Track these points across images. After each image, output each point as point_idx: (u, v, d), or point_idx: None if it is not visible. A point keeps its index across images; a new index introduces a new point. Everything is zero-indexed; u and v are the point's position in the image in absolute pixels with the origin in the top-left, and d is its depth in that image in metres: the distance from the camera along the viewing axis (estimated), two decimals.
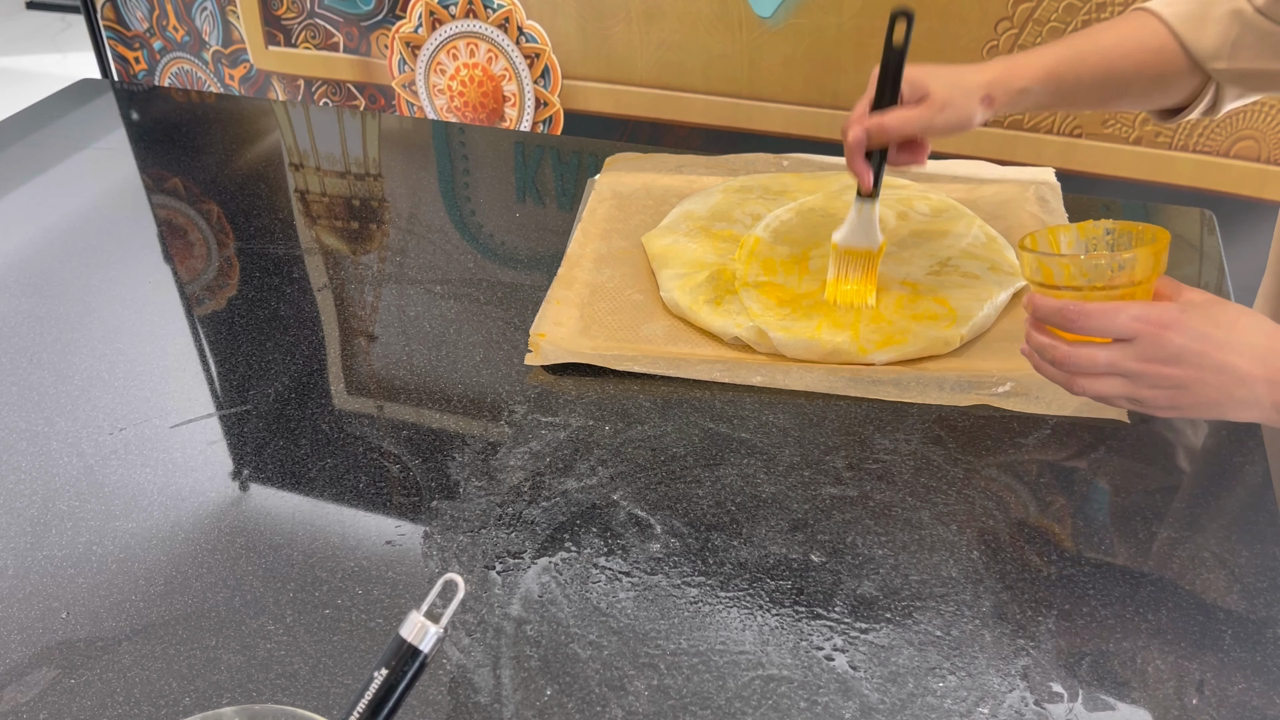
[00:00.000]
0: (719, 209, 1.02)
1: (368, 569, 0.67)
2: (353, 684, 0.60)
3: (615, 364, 0.84)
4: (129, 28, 1.89)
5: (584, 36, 1.60)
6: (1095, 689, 0.59)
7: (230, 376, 0.85)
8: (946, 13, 1.38)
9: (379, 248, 1.04)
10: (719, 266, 0.93)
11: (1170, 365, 0.63)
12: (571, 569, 0.67)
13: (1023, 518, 0.71)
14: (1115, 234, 0.69)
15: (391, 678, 0.44)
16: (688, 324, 0.90)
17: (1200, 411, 0.66)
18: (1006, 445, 0.77)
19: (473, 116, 1.75)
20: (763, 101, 1.55)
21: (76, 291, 0.97)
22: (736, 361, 0.85)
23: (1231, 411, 0.65)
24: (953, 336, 0.85)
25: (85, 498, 0.73)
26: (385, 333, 0.91)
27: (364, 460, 0.76)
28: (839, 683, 0.60)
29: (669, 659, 0.61)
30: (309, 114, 1.34)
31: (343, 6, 1.72)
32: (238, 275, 0.99)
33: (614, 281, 0.96)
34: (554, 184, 1.16)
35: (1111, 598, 0.65)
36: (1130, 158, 1.42)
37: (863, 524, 0.70)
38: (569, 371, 0.84)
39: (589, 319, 0.91)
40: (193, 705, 0.59)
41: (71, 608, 0.65)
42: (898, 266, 0.93)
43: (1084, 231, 0.70)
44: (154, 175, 1.18)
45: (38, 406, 0.82)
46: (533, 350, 0.86)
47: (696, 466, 0.75)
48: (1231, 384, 0.63)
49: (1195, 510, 0.71)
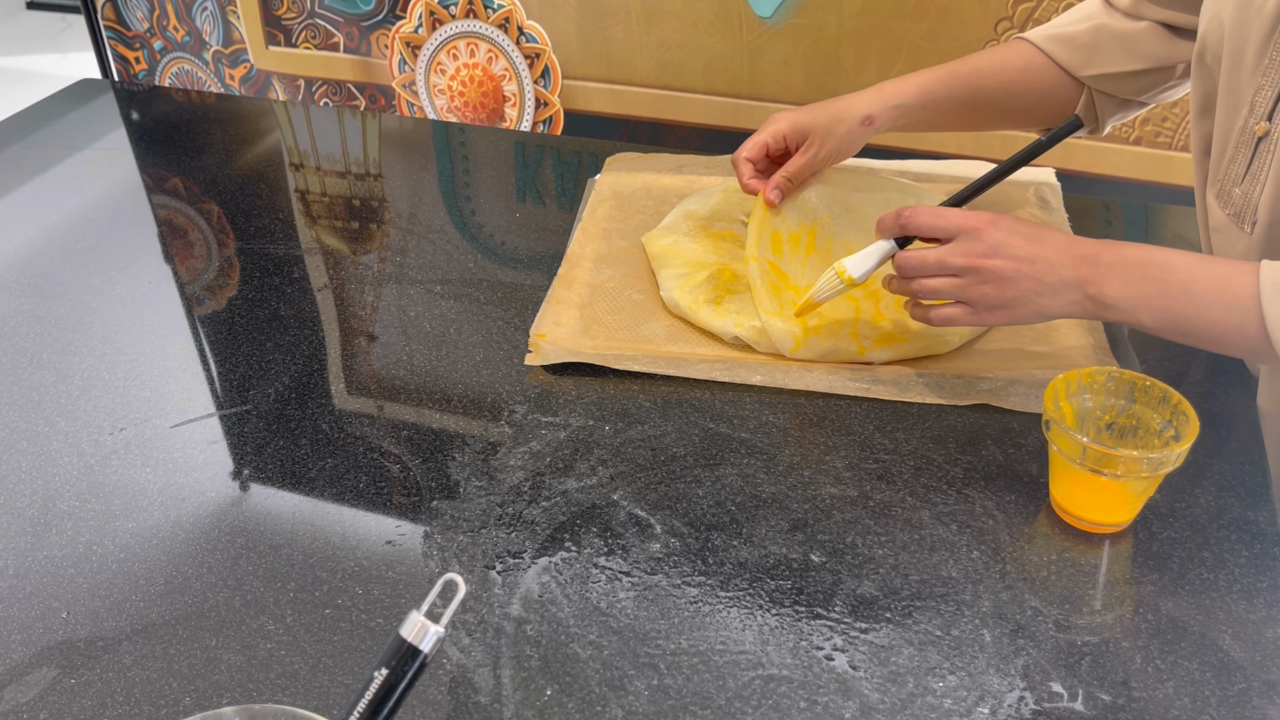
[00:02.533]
0: (719, 209, 1.02)
1: (368, 569, 0.67)
2: (353, 684, 0.60)
3: (615, 363, 0.84)
4: (129, 28, 1.89)
5: (584, 36, 1.60)
6: (1095, 689, 0.59)
7: (230, 376, 0.85)
8: (946, 13, 1.38)
9: (379, 248, 1.04)
10: (719, 266, 0.93)
11: (990, 257, 0.72)
12: (571, 569, 0.67)
13: (1023, 518, 0.71)
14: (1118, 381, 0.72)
15: (391, 678, 0.44)
16: (688, 324, 0.90)
17: (1022, 307, 0.73)
18: (1006, 445, 0.77)
19: (473, 116, 1.75)
20: (763, 101, 1.55)
21: (76, 291, 0.97)
22: (737, 361, 0.85)
23: (1049, 301, 0.72)
24: (952, 337, 0.85)
25: (85, 498, 0.73)
26: (385, 333, 0.91)
27: (364, 460, 0.76)
28: (839, 683, 0.60)
29: (669, 659, 0.61)
30: (309, 114, 1.34)
31: (343, 6, 1.72)
32: (238, 275, 0.99)
33: (614, 281, 0.96)
34: (554, 184, 1.16)
35: (1111, 598, 0.65)
36: (1130, 158, 1.42)
37: (863, 524, 0.70)
38: (569, 371, 0.84)
39: (589, 319, 0.91)
40: (193, 705, 0.59)
41: (71, 608, 0.65)
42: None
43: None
44: (154, 175, 1.18)
45: (38, 406, 0.82)
46: (533, 350, 0.86)
47: (696, 466, 0.75)
48: (1043, 271, 0.72)
49: (1195, 510, 0.71)
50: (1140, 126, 1.38)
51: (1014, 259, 0.72)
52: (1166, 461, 0.65)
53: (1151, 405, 0.70)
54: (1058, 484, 0.71)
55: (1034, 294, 0.73)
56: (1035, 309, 0.74)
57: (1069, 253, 0.72)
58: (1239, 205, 0.79)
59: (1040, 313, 0.74)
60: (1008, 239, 0.73)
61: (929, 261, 0.75)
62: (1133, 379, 0.70)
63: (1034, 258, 0.72)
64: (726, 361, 0.85)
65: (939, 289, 0.76)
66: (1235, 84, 0.78)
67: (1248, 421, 0.79)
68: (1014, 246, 0.73)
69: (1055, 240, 0.73)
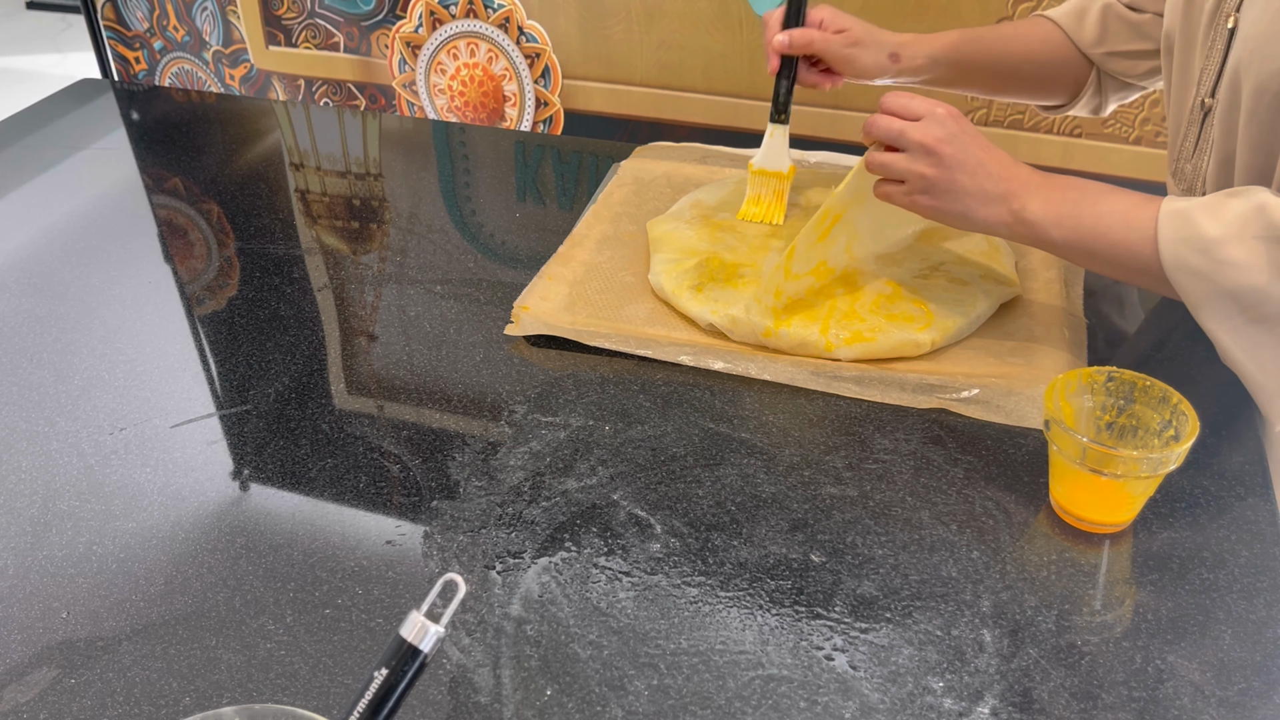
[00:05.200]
0: (727, 200, 1.04)
1: (368, 569, 0.67)
2: (353, 684, 0.60)
3: (588, 339, 0.86)
4: (129, 28, 1.89)
5: (584, 36, 1.60)
6: (1095, 689, 0.59)
7: (230, 376, 0.85)
8: (946, 12, 1.38)
9: (379, 248, 1.04)
10: (709, 254, 0.94)
11: (945, 144, 0.77)
12: (571, 569, 0.67)
13: (1022, 518, 0.71)
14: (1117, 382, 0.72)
15: (391, 678, 0.44)
16: (670, 308, 0.91)
17: (951, 202, 0.78)
18: (1006, 445, 0.77)
19: (473, 116, 1.75)
20: (763, 101, 1.55)
21: (76, 291, 0.97)
22: (705, 347, 0.86)
23: (977, 206, 0.78)
24: (924, 340, 0.84)
25: (85, 498, 0.73)
26: (385, 333, 0.91)
27: (364, 460, 0.76)
28: (839, 682, 0.60)
29: (669, 659, 0.61)
30: (309, 114, 1.34)
31: (343, 6, 1.72)
32: (238, 275, 0.99)
33: (611, 263, 0.98)
34: (554, 184, 1.16)
35: (1111, 598, 0.65)
36: (1130, 157, 1.42)
37: (863, 524, 0.70)
38: (569, 371, 0.84)
39: (576, 296, 0.93)
40: (193, 705, 0.59)
41: (71, 608, 0.65)
42: (886, 266, 0.92)
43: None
44: (154, 175, 1.18)
45: (38, 406, 0.82)
46: (514, 320, 0.89)
47: (696, 466, 0.75)
48: (984, 178, 0.77)
49: (1195, 510, 0.71)
50: (1140, 126, 1.38)
51: (964, 153, 0.77)
52: (1166, 461, 0.65)
53: (1151, 405, 0.70)
54: (1058, 484, 0.71)
55: (966, 193, 0.78)
56: (961, 209, 0.79)
57: (1009, 170, 0.78)
58: (1190, 179, 0.85)
59: (964, 214, 0.79)
60: (966, 136, 0.78)
61: (893, 129, 0.79)
62: (1133, 379, 0.70)
63: (981, 163, 0.77)
64: (695, 346, 0.86)
65: (889, 163, 0.80)
66: (1187, 65, 0.84)
67: (1248, 421, 0.79)
68: (968, 144, 0.78)
69: (1002, 156, 0.79)
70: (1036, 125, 1.42)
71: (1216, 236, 0.69)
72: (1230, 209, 0.70)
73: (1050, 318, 0.89)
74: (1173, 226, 0.71)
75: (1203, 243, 0.70)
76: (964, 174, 0.78)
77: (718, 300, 0.88)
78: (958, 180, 0.78)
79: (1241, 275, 0.69)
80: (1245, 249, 0.68)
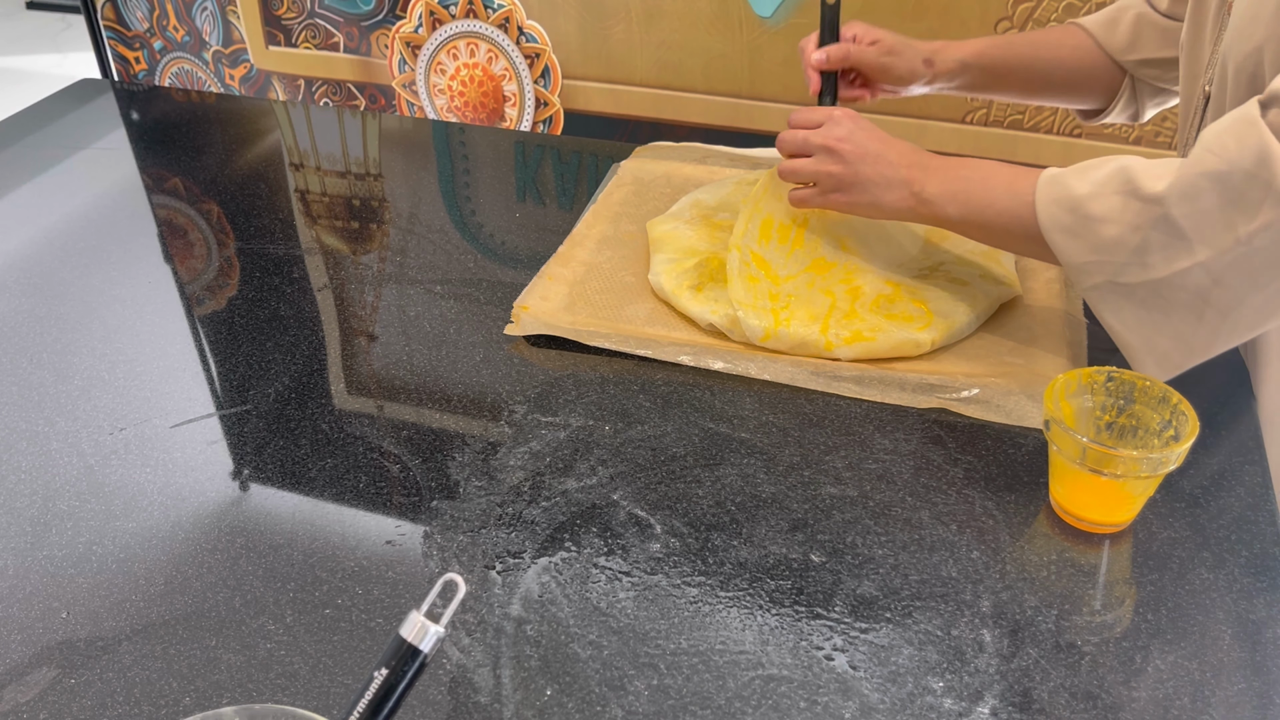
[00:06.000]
0: (727, 200, 1.03)
1: (368, 569, 0.67)
2: (353, 684, 0.60)
3: (588, 339, 0.86)
4: (129, 28, 1.89)
5: (584, 36, 1.60)
6: (1095, 689, 0.59)
7: (230, 376, 0.85)
8: (946, 12, 1.38)
9: (379, 248, 1.04)
10: (709, 254, 0.94)
11: (844, 141, 0.84)
12: (571, 569, 0.67)
13: (1022, 517, 0.71)
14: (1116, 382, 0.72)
15: (391, 678, 0.44)
16: (671, 309, 0.91)
17: (860, 194, 0.84)
18: (1006, 445, 0.77)
19: (473, 116, 1.75)
20: (763, 101, 1.55)
21: (76, 291, 0.97)
22: (705, 347, 0.86)
23: (883, 194, 0.83)
24: (923, 340, 0.84)
25: (85, 498, 0.73)
26: (385, 333, 0.91)
27: (364, 460, 0.76)
28: (839, 682, 0.60)
29: (669, 659, 0.61)
30: (309, 114, 1.34)
31: (343, 6, 1.72)
32: (238, 275, 0.99)
33: (611, 263, 0.98)
34: (554, 184, 1.16)
35: (1111, 598, 0.65)
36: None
37: (863, 524, 0.70)
38: (569, 371, 0.84)
39: (576, 295, 0.93)
40: (193, 705, 0.59)
41: (71, 608, 0.65)
42: (886, 265, 0.92)
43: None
44: (154, 175, 1.18)
45: (38, 406, 0.82)
46: (514, 321, 0.89)
47: (696, 466, 0.75)
48: (884, 167, 0.83)
49: (1195, 510, 0.71)
50: (1140, 126, 1.38)
51: (862, 148, 0.84)
52: (1166, 461, 0.65)
53: (1151, 405, 0.70)
54: (1058, 484, 0.71)
55: (871, 183, 0.84)
56: (870, 199, 0.84)
57: (908, 157, 0.84)
58: None
59: (874, 203, 0.84)
60: (862, 132, 0.85)
61: (797, 139, 0.87)
62: (1133, 379, 0.70)
63: (880, 154, 0.84)
64: (695, 346, 0.86)
65: (798, 169, 0.87)
66: (1196, 56, 0.86)
67: (1248, 421, 0.79)
68: (865, 140, 0.84)
69: (900, 145, 0.85)
70: (1036, 125, 1.42)
71: (1084, 194, 0.74)
72: (1098, 170, 0.74)
73: (1050, 318, 0.89)
74: (1048, 190, 0.76)
75: (1072, 201, 0.74)
76: (866, 165, 0.83)
77: (718, 300, 0.88)
78: (861, 172, 0.84)
79: (1104, 229, 0.72)
80: (1106, 204, 0.72)
